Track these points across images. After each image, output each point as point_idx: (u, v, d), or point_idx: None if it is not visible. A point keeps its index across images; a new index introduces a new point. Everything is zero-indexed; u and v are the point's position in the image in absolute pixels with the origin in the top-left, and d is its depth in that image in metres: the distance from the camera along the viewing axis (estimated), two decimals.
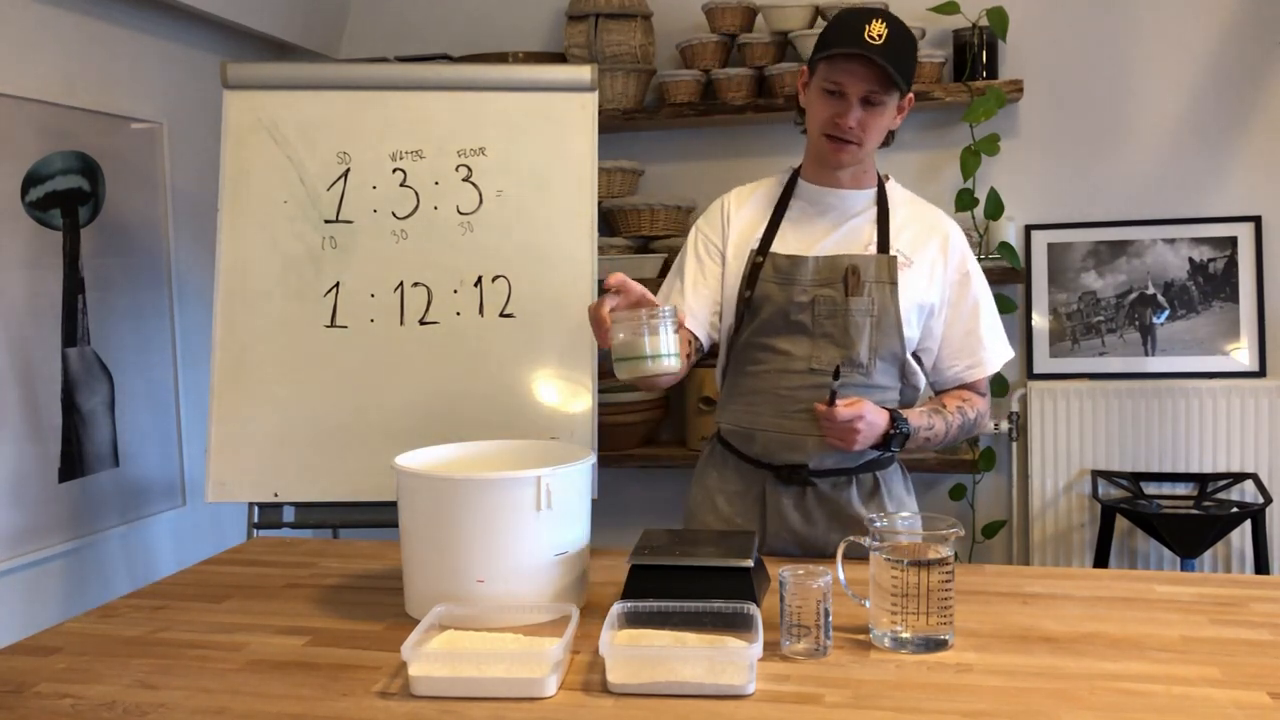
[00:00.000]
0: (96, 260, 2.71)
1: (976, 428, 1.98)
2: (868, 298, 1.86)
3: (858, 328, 1.86)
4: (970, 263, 1.94)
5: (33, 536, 2.52)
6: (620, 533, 2.39)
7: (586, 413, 2.48)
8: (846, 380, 1.85)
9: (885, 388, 1.91)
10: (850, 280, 1.86)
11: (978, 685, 1.31)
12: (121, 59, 2.84)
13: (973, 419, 1.95)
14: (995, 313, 1.97)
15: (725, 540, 1.66)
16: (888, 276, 1.86)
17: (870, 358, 1.88)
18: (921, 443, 1.91)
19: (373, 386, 2.45)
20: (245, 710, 1.28)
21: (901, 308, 1.87)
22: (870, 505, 1.92)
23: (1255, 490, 2.94)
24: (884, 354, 1.89)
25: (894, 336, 1.88)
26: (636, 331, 1.58)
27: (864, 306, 1.86)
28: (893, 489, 1.97)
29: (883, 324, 1.87)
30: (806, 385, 1.87)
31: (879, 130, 1.87)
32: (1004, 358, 1.97)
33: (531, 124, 2.54)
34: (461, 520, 1.53)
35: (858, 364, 1.87)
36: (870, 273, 1.86)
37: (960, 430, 1.94)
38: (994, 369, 1.95)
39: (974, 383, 1.96)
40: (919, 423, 1.88)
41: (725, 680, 1.29)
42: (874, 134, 1.87)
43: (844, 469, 1.91)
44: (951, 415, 1.92)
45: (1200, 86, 3.06)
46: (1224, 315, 3.06)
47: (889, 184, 1.97)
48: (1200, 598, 1.62)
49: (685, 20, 3.28)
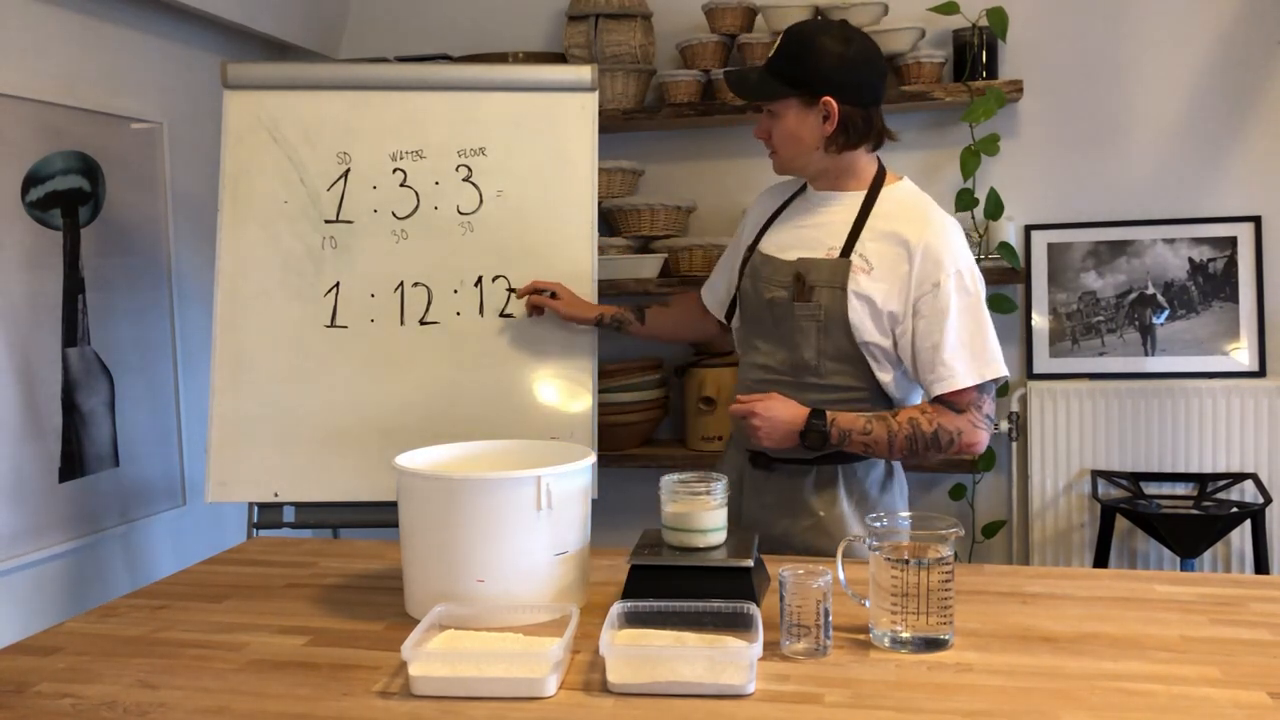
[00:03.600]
0: (96, 260, 2.71)
1: (952, 446, 1.84)
2: (814, 303, 1.88)
3: (803, 332, 1.90)
4: (946, 272, 1.83)
5: (33, 536, 2.52)
6: (620, 533, 2.39)
7: (586, 413, 2.48)
8: (795, 380, 1.92)
9: (845, 389, 1.91)
10: (797, 285, 1.89)
11: (978, 685, 1.31)
12: (121, 59, 2.84)
13: (930, 433, 1.83)
14: (977, 327, 1.85)
15: (725, 540, 1.66)
16: (838, 281, 1.86)
17: (818, 359, 1.90)
18: (860, 448, 1.86)
19: (373, 386, 2.45)
20: (245, 710, 1.28)
21: (851, 312, 1.85)
22: (823, 495, 1.94)
23: (1255, 490, 2.94)
24: (836, 356, 1.89)
25: (844, 340, 1.88)
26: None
27: (809, 311, 1.88)
28: (855, 484, 1.95)
29: (830, 329, 1.88)
30: (762, 381, 1.96)
31: (787, 137, 1.91)
32: (977, 375, 1.83)
33: (531, 124, 2.54)
34: (461, 520, 1.53)
35: (806, 366, 1.91)
36: (821, 277, 1.88)
37: (916, 442, 1.83)
38: (961, 384, 1.81)
39: (949, 397, 1.83)
40: (850, 426, 1.84)
41: (725, 680, 1.29)
42: (782, 141, 1.92)
43: (803, 459, 1.94)
44: (899, 425, 1.83)
45: (1200, 86, 3.06)
46: (1224, 315, 3.06)
47: (891, 185, 1.94)
48: (1200, 598, 1.62)
49: (685, 20, 3.28)
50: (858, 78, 1.87)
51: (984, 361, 1.85)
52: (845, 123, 1.87)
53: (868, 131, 1.90)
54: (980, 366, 1.84)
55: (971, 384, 1.83)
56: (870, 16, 3.03)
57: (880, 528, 1.47)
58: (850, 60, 1.85)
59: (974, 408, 1.85)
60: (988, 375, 1.85)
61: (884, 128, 1.94)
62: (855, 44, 1.87)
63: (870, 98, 1.89)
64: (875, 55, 1.91)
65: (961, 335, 1.83)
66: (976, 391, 1.85)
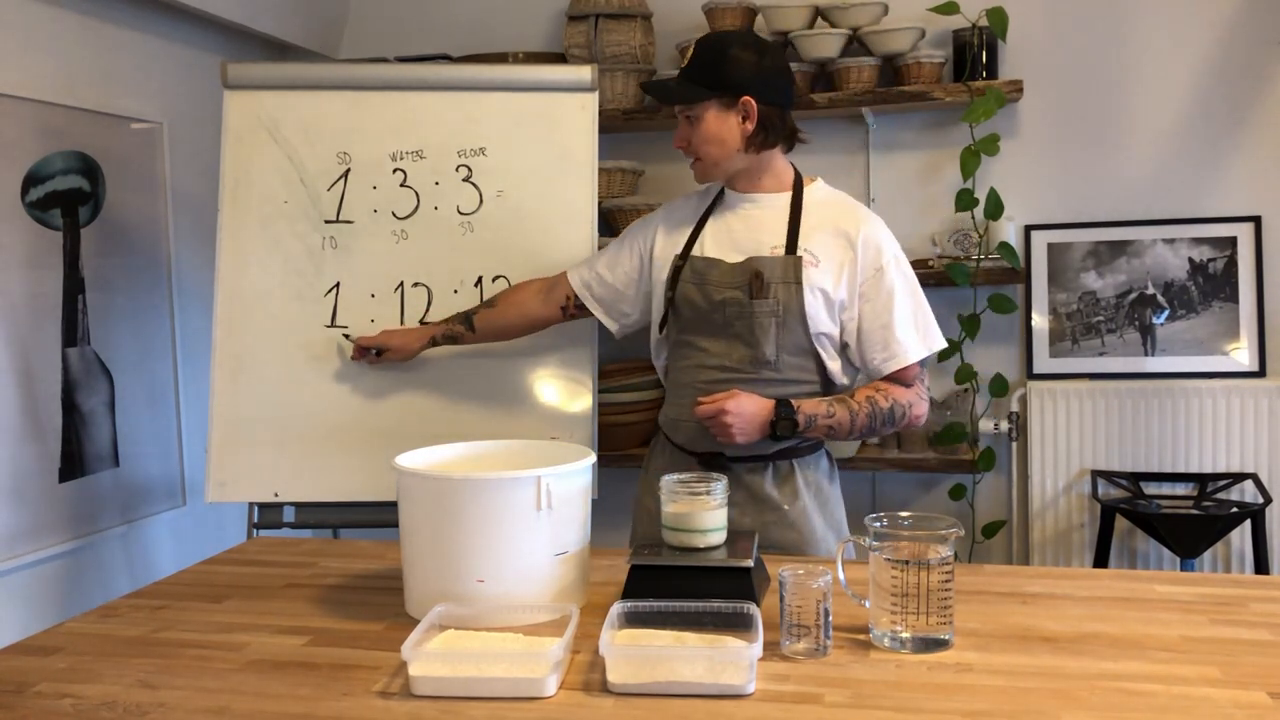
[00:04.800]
0: (96, 260, 2.71)
1: (904, 419, 1.98)
2: (772, 299, 1.95)
3: (763, 328, 1.96)
4: (886, 258, 1.97)
5: (33, 536, 2.52)
6: (620, 533, 2.39)
7: (586, 413, 2.48)
8: (754, 376, 1.97)
9: (799, 382, 1.99)
10: (754, 284, 1.95)
11: (978, 685, 1.31)
12: (121, 59, 2.84)
13: (886, 409, 1.95)
14: (918, 304, 1.99)
15: (725, 540, 1.66)
16: (793, 276, 1.95)
17: (777, 354, 1.97)
18: (824, 432, 1.96)
19: (373, 386, 2.45)
20: (245, 710, 1.28)
21: (807, 305, 1.95)
22: (784, 489, 2.02)
23: (1255, 490, 2.94)
24: (792, 350, 1.98)
25: (800, 333, 1.97)
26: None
27: (768, 308, 1.95)
28: (810, 476, 2.04)
29: (788, 322, 1.96)
30: (718, 380, 1.99)
31: (709, 139, 1.99)
32: (925, 348, 1.98)
33: (531, 124, 2.54)
34: (461, 520, 1.53)
35: (765, 361, 1.97)
36: (776, 274, 1.95)
37: (875, 419, 1.95)
38: (913, 359, 1.96)
39: (898, 373, 1.97)
40: (815, 411, 1.93)
41: (725, 680, 1.29)
42: (705, 145, 1.99)
43: (759, 455, 2.01)
44: (858, 405, 1.95)
45: (1200, 86, 3.06)
46: (1224, 315, 3.06)
47: (810, 186, 2.06)
48: (1200, 598, 1.62)
49: (685, 20, 3.28)
50: (772, 81, 1.98)
51: (928, 336, 2.00)
52: (764, 122, 1.97)
53: (783, 131, 2.01)
54: (926, 341, 1.99)
55: (920, 358, 1.97)
56: (870, 16, 3.03)
57: (880, 528, 1.47)
58: (764, 65, 1.97)
59: (919, 381, 2.01)
60: (933, 348, 2.00)
61: (796, 129, 2.05)
62: (768, 52, 2.00)
63: (784, 99, 2.00)
64: (785, 62, 2.06)
65: (906, 314, 1.97)
66: (919, 365, 1.99)
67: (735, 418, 1.89)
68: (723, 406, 1.90)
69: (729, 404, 1.90)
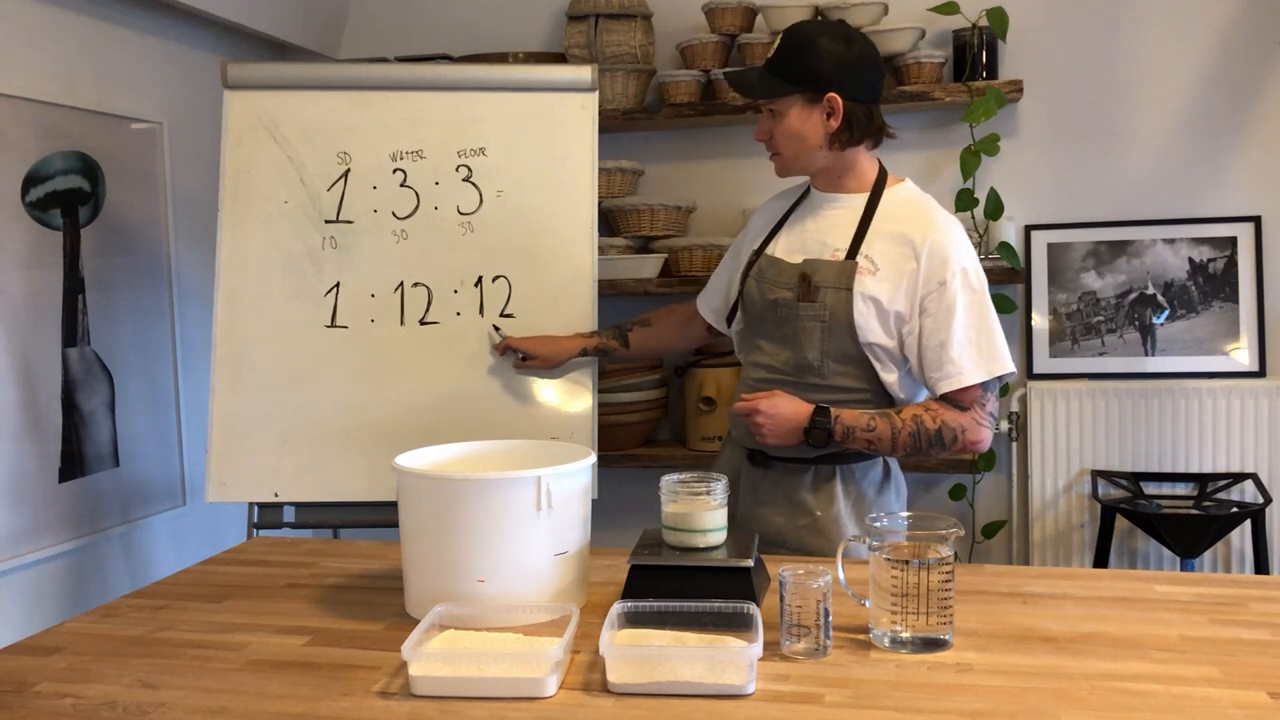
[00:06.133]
0: (96, 260, 2.71)
1: (955, 443, 1.86)
2: (819, 304, 1.89)
3: (807, 332, 1.91)
4: (952, 270, 1.85)
5: (33, 536, 2.52)
6: (620, 533, 2.39)
7: (586, 413, 2.48)
8: (797, 380, 1.94)
9: (847, 390, 1.92)
10: (802, 286, 1.90)
11: (978, 685, 1.31)
12: (121, 59, 2.84)
13: (933, 430, 1.85)
14: (983, 324, 1.86)
15: (725, 540, 1.66)
16: (844, 282, 1.88)
17: (821, 360, 1.91)
18: (864, 445, 1.88)
19: (373, 386, 2.45)
20: (245, 710, 1.28)
21: (856, 314, 1.87)
22: (819, 495, 1.95)
23: (1255, 490, 2.94)
24: (840, 357, 1.91)
25: (847, 342, 1.89)
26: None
27: (814, 312, 1.89)
28: (853, 484, 1.97)
29: (834, 329, 1.89)
30: (765, 380, 1.97)
31: (791, 136, 1.92)
32: (985, 372, 1.85)
33: (531, 124, 2.54)
34: (461, 520, 1.53)
35: (809, 366, 1.92)
36: (827, 278, 1.89)
37: (919, 439, 1.85)
38: (969, 381, 1.84)
39: (954, 395, 1.85)
40: (855, 423, 1.86)
41: (725, 680, 1.29)
42: (785, 141, 1.94)
43: (801, 458, 1.96)
44: (902, 422, 1.85)
45: (1200, 86, 3.06)
46: (1224, 315, 3.06)
47: (894, 187, 1.96)
48: (1200, 598, 1.62)
49: (685, 20, 3.28)
50: (860, 74, 1.90)
51: (991, 358, 1.86)
52: (849, 119, 1.90)
53: (869, 127, 1.93)
54: (987, 363, 1.86)
55: (977, 381, 1.84)
56: (870, 16, 3.03)
57: (880, 527, 1.47)
58: (851, 58, 1.88)
59: (978, 405, 1.87)
60: (995, 372, 1.86)
61: (884, 124, 1.96)
62: (855, 42, 1.90)
63: (872, 94, 1.92)
64: (874, 53, 1.95)
65: (968, 332, 1.85)
66: (981, 389, 1.87)
67: (767, 419, 1.87)
68: (756, 406, 1.88)
69: (763, 404, 1.87)
